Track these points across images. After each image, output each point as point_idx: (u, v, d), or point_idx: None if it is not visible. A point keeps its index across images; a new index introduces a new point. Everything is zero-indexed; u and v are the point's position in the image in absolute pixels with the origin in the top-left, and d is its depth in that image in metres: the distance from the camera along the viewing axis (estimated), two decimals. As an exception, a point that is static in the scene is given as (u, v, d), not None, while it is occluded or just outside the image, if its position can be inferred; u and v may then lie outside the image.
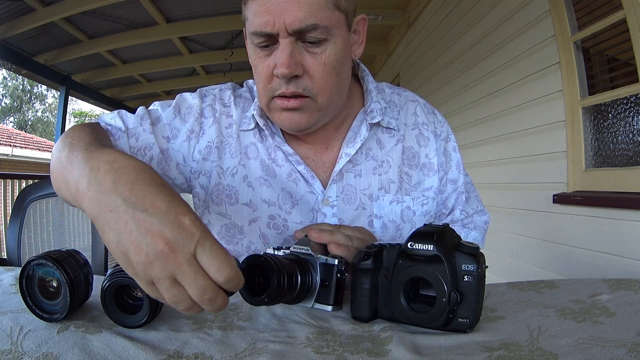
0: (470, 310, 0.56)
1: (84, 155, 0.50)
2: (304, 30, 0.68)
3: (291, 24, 0.67)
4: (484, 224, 0.95)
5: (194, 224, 0.41)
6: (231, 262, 0.42)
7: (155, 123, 0.81)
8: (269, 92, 0.73)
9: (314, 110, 0.75)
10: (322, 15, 0.69)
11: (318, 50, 0.71)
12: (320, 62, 0.71)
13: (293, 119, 0.75)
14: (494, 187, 2.83)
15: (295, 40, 0.70)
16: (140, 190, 0.43)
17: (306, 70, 0.71)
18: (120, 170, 0.45)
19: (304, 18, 0.67)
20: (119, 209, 0.42)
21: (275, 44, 0.71)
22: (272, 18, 0.68)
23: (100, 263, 1.48)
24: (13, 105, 24.86)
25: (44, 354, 0.48)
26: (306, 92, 0.72)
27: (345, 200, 0.83)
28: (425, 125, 0.90)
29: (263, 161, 0.83)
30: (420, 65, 4.18)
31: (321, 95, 0.73)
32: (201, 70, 6.28)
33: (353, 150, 0.82)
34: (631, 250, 1.73)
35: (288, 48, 0.69)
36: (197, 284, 0.41)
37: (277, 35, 0.69)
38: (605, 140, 2.00)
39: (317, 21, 0.68)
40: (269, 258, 0.55)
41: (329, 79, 0.73)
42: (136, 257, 0.41)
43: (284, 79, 0.70)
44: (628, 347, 0.50)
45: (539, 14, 2.28)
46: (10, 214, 1.55)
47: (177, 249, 0.40)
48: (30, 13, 4.02)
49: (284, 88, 0.71)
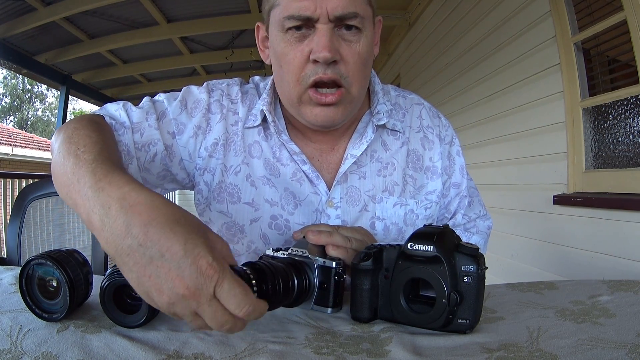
0: (470, 311, 0.56)
1: (91, 183, 0.48)
2: (345, 17, 0.69)
3: (334, 10, 0.68)
4: (486, 229, 0.95)
5: (211, 267, 0.41)
6: (249, 296, 0.42)
7: (160, 118, 0.79)
8: (303, 80, 0.72)
9: (347, 102, 0.75)
10: (361, 6, 0.71)
11: (354, 39, 0.72)
12: (355, 52, 0.72)
13: (328, 114, 0.74)
14: (494, 188, 2.83)
15: (333, 27, 0.70)
16: (154, 235, 0.42)
17: (342, 57, 0.71)
18: (131, 210, 0.44)
19: (347, 5, 0.68)
20: (136, 254, 0.42)
21: (310, 29, 0.71)
22: (313, 3, 0.68)
23: (100, 263, 1.48)
24: (13, 104, 24.85)
25: (44, 353, 0.48)
26: (342, 79, 0.72)
27: (349, 202, 0.82)
28: (430, 129, 0.89)
29: (267, 160, 0.82)
30: (420, 66, 4.18)
31: (354, 85, 0.73)
32: (201, 70, 6.28)
33: (359, 151, 0.82)
34: (631, 251, 1.73)
35: (328, 32, 0.69)
36: (217, 320, 0.43)
37: (317, 20, 0.69)
38: (606, 141, 2.00)
39: (357, 10, 0.70)
40: (263, 264, 0.56)
41: (361, 70, 0.74)
42: (158, 297, 0.42)
43: (324, 63, 0.70)
44: (628, 349, 0.49)
45: (539, 15, 2.28)
46: (10, 213, 1.55)
47: (197, 292, 0.41)
48: (31, 12, 4.02)
49: (322, 73, 0.70)
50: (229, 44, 5.10)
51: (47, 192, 1.55)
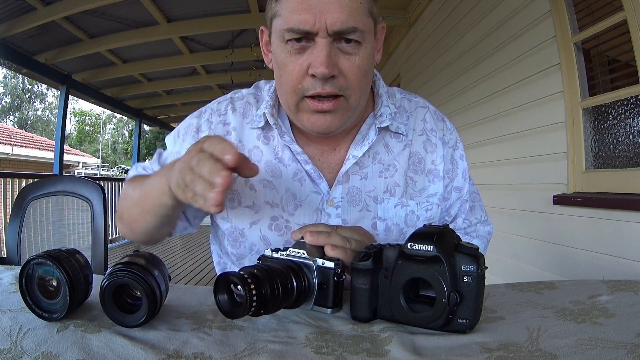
0: (470, 311, 0.56)
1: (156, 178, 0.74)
2: (344, 31, 0.69)
3: (332, 25, 0.68)
4: (487, 234, 0.95)
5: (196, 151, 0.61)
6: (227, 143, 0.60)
7: (161, 159, 0.91)
8: (300, 92, 0.73)
9: (345, 110, 0.75)
10: (360, 20, 0.70)
11: (353, 52, 0.72)
12: (355, 65, 0.72)
13: (325, 121, 0.75)
14: (494, 188, 2.83)
15: (332, 41, 0.70)
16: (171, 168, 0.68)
17: (341, 71, 0.72)
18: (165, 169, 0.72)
19: (346, 20, 0.69)
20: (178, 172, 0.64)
21: (310, 41, 0.71)
22: (313, 17, 0.68)
23: (100, 263, 1.48)
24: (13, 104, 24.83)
25: (44, 353, 0.48)
26: (342, 91, 0.73)
27: (350, 201, 0.83)
28: (433, 132, 0.89)
29: (268, 162, 0.84)
30: (420, 66, 4.18)
31: (353, 95, 0.74)
32: (201, 70, 6.28)
33: (360, 152, 0.82)
34: (631, 251, 1.73)
35: (326, 48, 0.69)
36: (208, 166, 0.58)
37: (316, 34, 0.69)
38: (606, 141, 2.00)
39: (356, 24, 0.70)
40: (261, 268, 0.56)
41: (361, 81, 0.74)
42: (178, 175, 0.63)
43: (322, 78, 0.71)
44: (628, 349, 0.50)
45: (539, 14, 2.28)
46: (10, 213, 1.55)
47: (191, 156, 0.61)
48: (31, 12, 4.02)
49: (320, 88, 0.71)
50: (229, 43, 5.11)
51: (47, 191, 1.55)
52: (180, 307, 0.66)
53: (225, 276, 0.54)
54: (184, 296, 0.72)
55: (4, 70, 21.22)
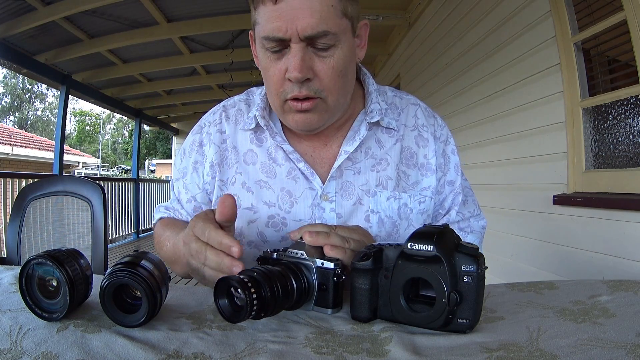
0: (470, 311, 0.56)
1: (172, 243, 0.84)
2: (315, 36, 0.72)
3: (303, 31, 0.71)
4: (481, 229, 0.96)
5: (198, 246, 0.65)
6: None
7: (175, 190, 0.96)
8: (282, 95, 0.77)
9: (323, 110, 0.79)
10: (332, 23, 0.73)
11: (327, 55, 0.75)
12: (329, 66, 0.75)
13: (306, 120, 0.79)
14: (494, 188, 2.83)
15: (306, 46, 0.73)
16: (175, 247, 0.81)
17: (316, 74, 0.75)
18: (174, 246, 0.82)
19: (316, 25, 0.71)
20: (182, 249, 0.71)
21: (286, 48, 0.74)
22: (285, 24, 0.71)
23: (100, 263, 1.48)
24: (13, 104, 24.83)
25: (44, 353, 0.48)
26: (317, 94, 0.77)
27: (343, 196, 0.85)
28: (424, 128, 0.92)
29: (263, 163, 0.87)
30: (420, 66, 4.18)
31: (330, 96, 0.78)
32: (201, 70, 6.28)
33: (352, 147, 0.85)
34: (631, 251, 1.73)
35: (300, 53, 0.73)
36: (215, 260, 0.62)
37: (289, 40, 0.72)
38: (606, 141, 2.00)
39: (328, 28, 0.72)
40: (260, 271, 0.56)
41: (337, 82, 0.77)
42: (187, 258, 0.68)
43: (297, 82, 0.74)
44: (627, 349, 0.50)
45: (539, 15, 2.28)
46: (10, 213, 1.55)
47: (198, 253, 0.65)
48: (31, 12, 4.02)
49: (297, 91, 0.75)
50: (229, 43, 5.10)
51: (47, 191, 1.55)
52: (180, 307, 0.67)
53: (225, 280, 0.54)
54: (184, 296, 0.72)
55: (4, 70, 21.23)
